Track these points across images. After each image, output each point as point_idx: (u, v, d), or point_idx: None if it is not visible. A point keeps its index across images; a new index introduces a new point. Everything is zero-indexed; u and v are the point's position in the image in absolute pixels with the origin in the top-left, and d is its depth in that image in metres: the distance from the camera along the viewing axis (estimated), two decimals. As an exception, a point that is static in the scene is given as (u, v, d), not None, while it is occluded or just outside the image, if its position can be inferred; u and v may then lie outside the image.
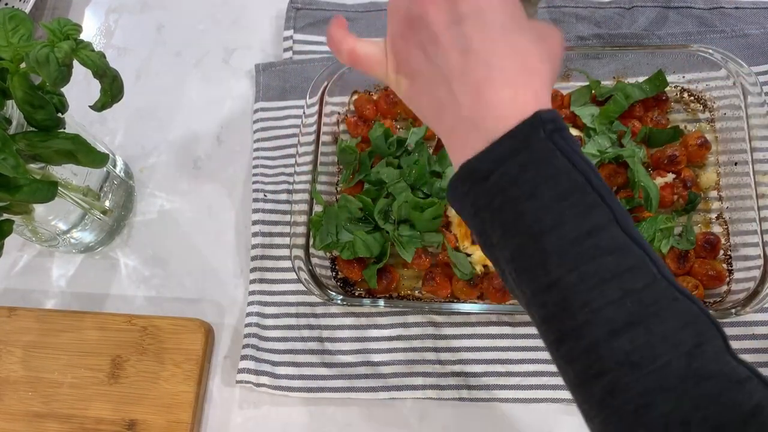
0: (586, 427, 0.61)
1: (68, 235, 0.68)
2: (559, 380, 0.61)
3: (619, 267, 0.34)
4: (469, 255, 0.64)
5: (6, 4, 0.83)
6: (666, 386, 0.33)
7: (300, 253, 0.64)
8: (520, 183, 0.35)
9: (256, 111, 0.76)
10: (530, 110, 0.36)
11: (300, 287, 0.64)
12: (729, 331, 0.56)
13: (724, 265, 0.63)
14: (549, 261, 0.35)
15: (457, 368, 0.63)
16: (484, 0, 0.38)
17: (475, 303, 0.64)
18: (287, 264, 0.67)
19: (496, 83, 0.37)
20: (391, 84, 0.43)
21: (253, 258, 0.69)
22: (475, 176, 0.37)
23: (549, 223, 0.35)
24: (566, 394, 0.61)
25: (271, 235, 0.70)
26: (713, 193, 0.67)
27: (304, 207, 0.66)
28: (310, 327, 0.66)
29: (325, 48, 0.78)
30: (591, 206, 0.35)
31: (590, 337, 0.34)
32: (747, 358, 0.35)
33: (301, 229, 0.65)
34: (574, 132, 0.68)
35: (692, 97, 0.70)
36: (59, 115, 0.56)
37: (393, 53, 0.42)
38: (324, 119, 0.70)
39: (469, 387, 0.63)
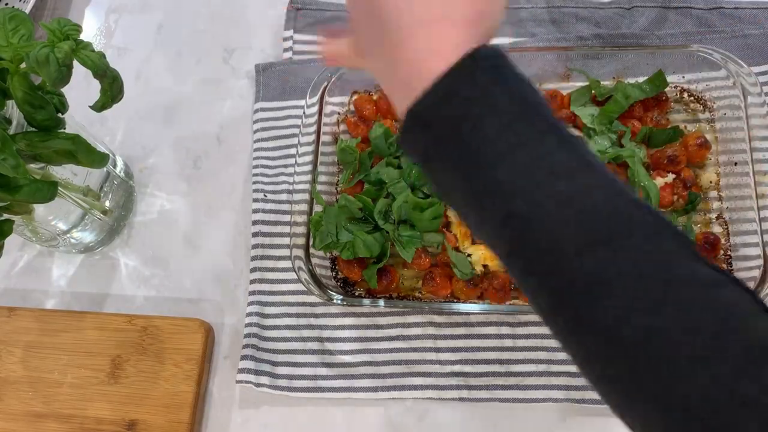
0: (585, 427, 0.61)
1: (68, 235, 0.68)
2: (559, 380, 0.62)
3: (576, 188, 0.34)
4: (469, 255, 0.64)
5: (6, 4, 0.83)
6: (640, 297, 0.32)
7: (300, 253, 0.64)
8: (466, 120, 0.35)
9: (256, 111, 0.76)
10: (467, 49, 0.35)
11: (300, 287, 0.64)
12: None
13: (724, 265, 0.63)
14: (503, 192, 0.35)
15: (457, 368, 0.63)
16: None
17: (475, 303, 0.64)
18: (287, 264, 0.67)
19: (434, 26, 0.36)
20: (360, 65, 0.43)
21: (253, 258, 0.69)
22: (419, 122, 0.36)
23: (498, 153, 0.35)
24: (566, 394, 0.61)
25: (271, 235, 0.70)
26: (713, 193, 0.66)
27: (304, 207, 0.66)
28: (310, 327, 0.66)
29: (325, 48, 0.79)
30: (542, 132, 0.35)
31: (555, 261, 0.34)
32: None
33: (301, 229, 0.65)
34: (573, 132, 0.68)
35: (692, 98, 0.70)
36: (59, 115, 0.56)
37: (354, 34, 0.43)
38: (324, 119, 0.69)
39: (469, 387, 0.63)
